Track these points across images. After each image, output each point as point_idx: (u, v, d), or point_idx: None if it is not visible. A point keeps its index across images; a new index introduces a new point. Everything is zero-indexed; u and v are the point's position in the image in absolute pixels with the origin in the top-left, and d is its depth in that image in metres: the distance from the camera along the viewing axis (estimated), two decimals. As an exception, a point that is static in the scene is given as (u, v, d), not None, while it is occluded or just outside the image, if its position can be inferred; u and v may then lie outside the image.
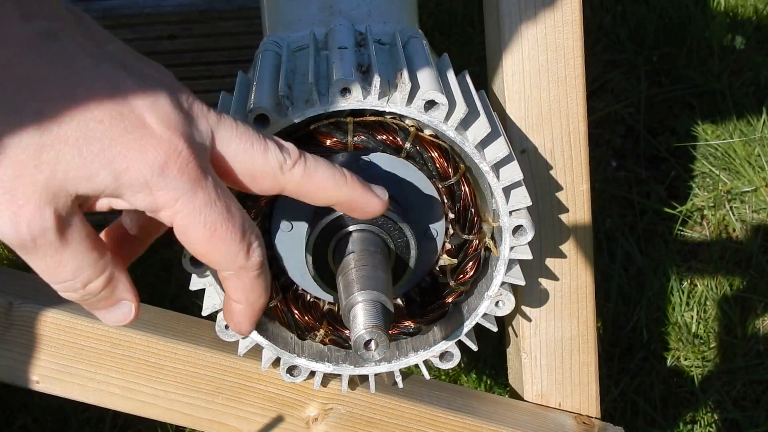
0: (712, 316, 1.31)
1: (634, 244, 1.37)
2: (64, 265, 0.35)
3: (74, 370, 0.58)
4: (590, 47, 1.54)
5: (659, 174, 1.48)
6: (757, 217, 1.43)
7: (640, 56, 1.59)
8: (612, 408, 1.21)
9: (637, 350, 1.28)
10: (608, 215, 1.41)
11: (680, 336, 1.29)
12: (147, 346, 0.58)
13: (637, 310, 1.30)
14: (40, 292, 0.58)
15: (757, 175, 1.46)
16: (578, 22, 0.59)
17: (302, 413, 0.60)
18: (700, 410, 1.23)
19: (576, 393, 0.67)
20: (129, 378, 0.58)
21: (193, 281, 0.51)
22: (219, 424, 0.60)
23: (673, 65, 1.58)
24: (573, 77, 0.60)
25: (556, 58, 0.59)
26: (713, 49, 1.58)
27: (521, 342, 0.66)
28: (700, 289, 1.34)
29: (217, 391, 0.59)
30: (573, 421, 0.67)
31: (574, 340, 0.66)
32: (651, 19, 1.62)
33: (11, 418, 1.17)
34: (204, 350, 0.59)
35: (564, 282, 0.64)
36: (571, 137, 0.61)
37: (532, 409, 0.66)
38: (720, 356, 1.28)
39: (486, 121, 0.48)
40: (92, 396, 0.59)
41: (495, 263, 0.52)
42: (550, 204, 0.62)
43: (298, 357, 0.54)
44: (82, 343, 0.57)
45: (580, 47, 0.60)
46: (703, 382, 1.25)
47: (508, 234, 0.50)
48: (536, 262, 0.63)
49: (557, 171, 0.61)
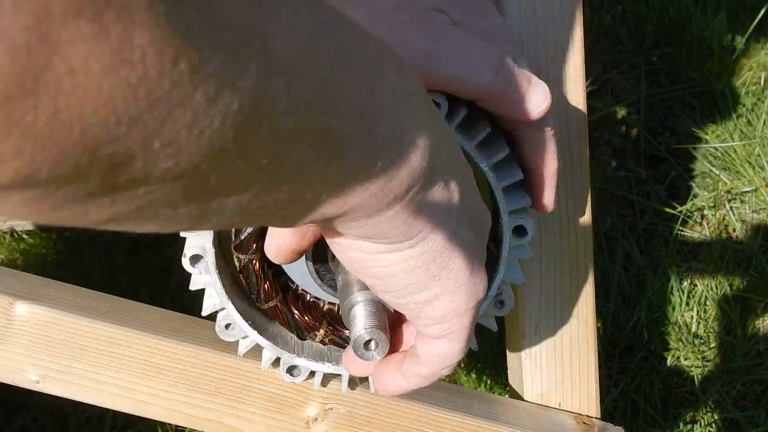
0: (712, 316, 1.31)
1: (634, 244, 1.37)
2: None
3: (74, 369, 0.58)
4: (590, 47, 1.54)
5: (659, 174, 1.48)
6: (757, 217, 1.43)
7: (640, 56, 1.59)
8: (612, 408, 1.21)
9: (637, 350, 1.28)
10: (608, 215, 1.41)
11: (680, 336, 1.29)
12: (147, 346, 0.58)
13: (637, 310, 1.30)
14: (40, 292, 0.58)
15: (757, 175, 1.46)
16: (578, 22, 0.59)
17: (302, 413, 0.60)
18: (700, 410, 1.23)
19: (576, 393, 0.67)
20: (129, 378, 0.58)
21: (193, 281, 0.51)
22: (219, 423, 0.60)
23: (673, 65, 1.58)
24: (573, 77, 0.60)
25: (555, 58, 0.59)
26: (713, 49, 1.58)
27: (521, 342, 0.66)
28: (700, 289, 1.34)
29: (216, 391, 0.59)
30: (573, 421, 0.67)
31: (574, 340, 0.66)
32: (651, 19, 1.62)
33: (11, 418, 1.17)
34: (204, 350, 0.59)
35: (564, 282, 0.64)
36: (571, 137, 0.61)
37: (531, 409, 0.66)
38: (720, 356, 1.28)
39: (486, 122, 0.48)
40: (92, 396, 0.59)
41: (495, 263, 0.52)
42: (550, 204, 0.62)
43: (297, 357, 0.54)
44: (82, 343, 0.57)
45: (580, 47, 0.59)
46: (703, 382, 1.25)
47: (508, 233, 0.50)
48: (536, 263, 0.63)
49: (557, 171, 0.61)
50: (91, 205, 0.23)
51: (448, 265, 0.38)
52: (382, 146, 0.31)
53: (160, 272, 1.29)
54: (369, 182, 0.31)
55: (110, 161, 0.22)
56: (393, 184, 0.32)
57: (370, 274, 0.38)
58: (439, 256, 0.37)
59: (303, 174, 0.28)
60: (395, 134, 0.32)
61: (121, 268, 1.29)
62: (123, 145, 0.22)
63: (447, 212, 0.36)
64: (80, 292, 0.60)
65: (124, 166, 0.22)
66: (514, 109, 0.46)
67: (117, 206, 0.24)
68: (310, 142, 0.28)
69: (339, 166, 0.30)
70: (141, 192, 0.24)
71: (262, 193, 0.28)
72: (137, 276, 1.28)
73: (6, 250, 1.32)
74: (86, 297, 0.60)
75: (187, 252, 0.49)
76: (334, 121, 0.28)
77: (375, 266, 0.37)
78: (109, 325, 0.57)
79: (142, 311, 0.61)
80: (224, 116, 0.23)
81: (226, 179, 0.26)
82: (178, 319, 0.61)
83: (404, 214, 0.34)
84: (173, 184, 0.24)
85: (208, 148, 0.23)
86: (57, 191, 0.22)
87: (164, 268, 1.29)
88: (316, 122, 0.27)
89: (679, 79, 1.57)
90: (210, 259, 0.49)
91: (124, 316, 0.59)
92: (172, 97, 0.22)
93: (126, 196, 0.24)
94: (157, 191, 0.24)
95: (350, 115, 0.29)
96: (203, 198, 0.26)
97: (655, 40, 1.61)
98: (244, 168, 0.26)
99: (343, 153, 0.29)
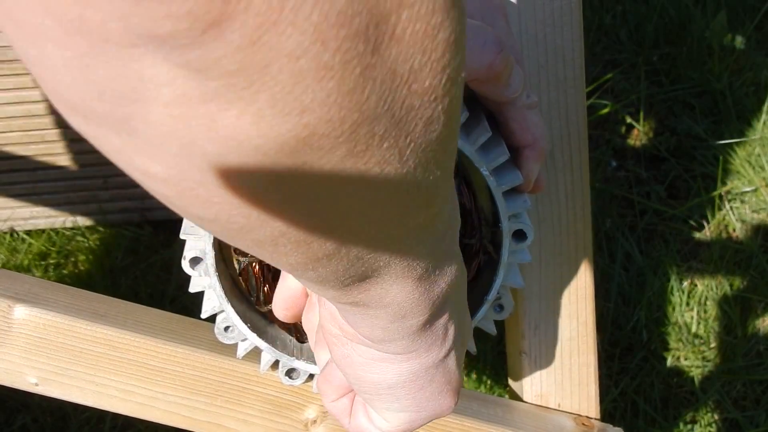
0: (712, 316, 1.31)
1: (634, 244, 1.37)
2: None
3: (73, 372, 0.58)
4: (590, 47, 1.53)
5: (659, 174, 1.48)
6: (757, 217, 1.42)
7: (640, 56, 1.59)
8: (612, 408, 1.21)
9: (637, 350, 1.28)
10: (608, 215, 1.41)
11: (680, 336, 1.29)
12: (146, 348, 0.58)
13: (637, 310, 1.30)
14: (39, 294, 0.58)
15: (757, 175, 1.46)
16: (578, 22, 0.59)
17: (301, 416, 0.60)
18: (700, 410, 1.22)
19: (575, 394, 0.67)
20: (128, 380, 0.58)
21: (192, 283, 0.51)
22: (218, 426, 0.60)
23: (673, 65, 1.58)
24: (573, 78, 0.60)
25: (555, 59, 0.59)
26: (713, 49, 1.58)
27: (521, 342, 0.65)
28: (700, 289, 1.34)
29: (215, 394, 0.59)
30: (572, 422, 0.67)
31: (574, 340, 0.66)
32: (651, 19, 1.62)
33: (11, 419, 1.17)
34: (203, 353, 0.58)
35: (564, 282, 0.64)
36: (571, 138, 0.61)
37: (531, 411, 0.66)
38: (720, 356, 1.27)
39: (486, 125, 0.48)
40: (91, 398, 0.59)
41: (494, 267, 0.52)
42: (550, 205, 0.62)
43: (297, 360, 0.54)
44: (81, 346, 0.57)
45: (579, 47, 0.59)
46: (703, 382, 1.25)
47: (507, 238, 0.50)
48: (536, 263, 0.63)
49: (557, 171, 0.61)
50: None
51: (424, 387, 0.39)
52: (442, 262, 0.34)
53: (160, 272, 1.29)
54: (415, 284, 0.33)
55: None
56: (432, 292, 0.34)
57: (354, 375, 0.39)
58: (423, 376, 0.38)
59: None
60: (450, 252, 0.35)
61: (121, 268, 1.29)
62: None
63: (443, 338, 0.37)
64: (79, 295, 0.60)
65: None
66: (507, 89, 0.46)
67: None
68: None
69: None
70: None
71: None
72: (137, 276, 1.28)
73: (6, 250, 1.32)
74: (85, 299, 0.60)
75: (187, 254, 0.49)
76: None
77: (363, 370, 0.38)
78: (107, 327, 0.57)
79: (140, 313, 0.61)
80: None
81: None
82: (177, 321, 0.61)
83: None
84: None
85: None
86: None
87: (164, 268, 1.29)
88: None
89: (679, 79, 1.57)
90: (210, 262, 0.49)
91: (122, 319, 0.59)
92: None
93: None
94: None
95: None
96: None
97: (655, 40, 1.61)
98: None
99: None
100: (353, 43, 0.19)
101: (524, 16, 0.58)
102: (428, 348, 0.37)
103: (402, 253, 0.30)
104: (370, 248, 0.28)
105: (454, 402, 0.41)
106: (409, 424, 0.41)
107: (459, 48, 0.22)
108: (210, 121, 0.20)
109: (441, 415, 0.41)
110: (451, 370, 0.40)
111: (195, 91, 0.19)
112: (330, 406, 0.45)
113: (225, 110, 0.20)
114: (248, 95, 0.19)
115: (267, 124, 0.20)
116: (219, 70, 0.18)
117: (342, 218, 0.25)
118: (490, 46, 0.44)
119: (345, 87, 0.20)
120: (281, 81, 0.19)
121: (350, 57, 0.19)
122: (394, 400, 0.39)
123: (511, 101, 0.47)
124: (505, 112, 0.49)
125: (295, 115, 0.20)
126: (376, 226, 0.27)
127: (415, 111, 0.22)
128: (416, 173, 0.24)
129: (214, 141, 0.20)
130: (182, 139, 0.20)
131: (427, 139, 0.23)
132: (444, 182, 0.27)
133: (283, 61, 0.19)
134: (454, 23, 0.21)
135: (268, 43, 0.18)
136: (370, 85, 0.20)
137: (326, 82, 0.19)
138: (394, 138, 0.22)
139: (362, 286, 0.31)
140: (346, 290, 0.31)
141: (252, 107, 0.19)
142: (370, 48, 0.19)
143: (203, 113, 0.20)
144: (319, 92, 0.20)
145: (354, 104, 0.20)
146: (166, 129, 0.20)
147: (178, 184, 0.22)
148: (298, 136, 0.20)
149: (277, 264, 0.28)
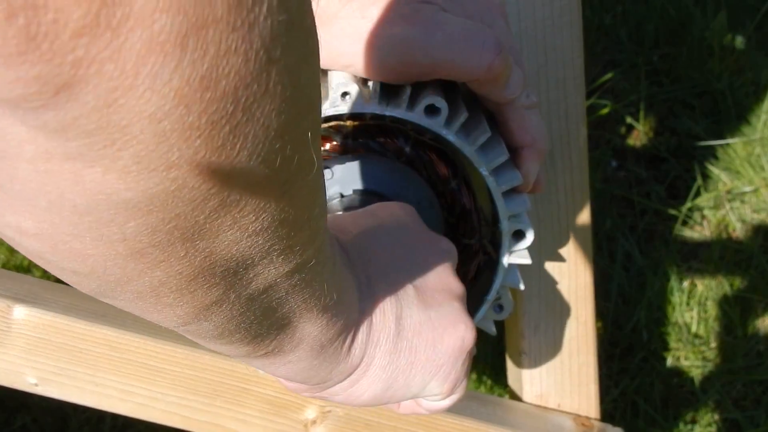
0: (712, 316, 1.31)
1: (634, 244, 1.37)
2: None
3: (72, 372, 0.58)
4: (590, 47, 1.53)
5: (659, 174, 1.48)
6: (757, 217, 1.42)
7: (640, 56, 1.59)
8: (612, 408, 1.21)
9: (637, 350, 1.28)
10: (608, 215, 1.41)
11: (680, 336, 1.29)
12: (145, 348, 0.58)
13: (637, 310, 1.30)
14: (39, 294, 0.58)
15: (757, 175, 1.46)
16: (578, 22, 0.59)
17: (300, 416, 0.60)
18: (700, 410, 1.22)
19: (575, 394, 0.67)
20: (127, 380, 0.58)
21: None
22: (217, 426, 0.60)
23: (673, 65, 1.58)
24: (573, 78, 0.60)
25: (555, 59, 0.59)
26: (713, 49, 1.58)
27: (521, 342, 0.65)
28: (700, 289, 1.34)
29: (215, 394, 0.59)
30: (572, 423, 0.67)
31: (574, 340, 0.66)
32: (651, 19, 1.61)
33: (11, 419, 1.17)
34: (202, 353, 0.58)
35: (564, 282, 0.64)
36: (571, 138, 0.61)
37: (530, 411, 0.66)
38: (720, 356, 1.27)
39: (486, 126, 0.48)
40: (90, 399, 0.59)
41: (494, 267, 0.52)
42: (550, 205, 0.62)
43: (296, 360, 0.54)
44: (80, 346, 0.57)
45: (579, 47, 0.59)
46: (703, 382, 1.25)
47: (507, 238, 0.50)
48: (536, 263, 0.62)
49: (557, 172, 0.61)
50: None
51: (417, 357, 0.38)
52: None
53: (159, 272, 1.29)
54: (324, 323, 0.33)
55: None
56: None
57: (357, 402, 0.39)
58: (404, 354, 0.38)
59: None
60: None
61: (121, 269, 1.28)
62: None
63: (386, 317, 0.38)
64: (78, 295, 0.60)
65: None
66: (506, 90, 0.46)
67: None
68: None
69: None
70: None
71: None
72: (137, 276, 1.27)
73: (6, 250, 1.32)
74: (84, 300, 0.60)
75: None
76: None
77: (354, 399, 0.39)
78: (107, 327, 0.57)
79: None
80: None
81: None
82: (177, 321, 0.61)
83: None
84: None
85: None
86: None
87: (164, 268, 1.29)
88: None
89: (679, 79, 1.57)
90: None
91: (121, 319, 0.59)
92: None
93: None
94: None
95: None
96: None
97: (655, 40, 1.61)
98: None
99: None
100: (221, 104, 0.19)
101: (524, 16, 0.58)
102: (377, 338, 0.37)
103: (291, 277, 0.29)
104: (259, 285, 0.27)
105: (465, 325, 0.39)
106: (447, 384, 0.40)
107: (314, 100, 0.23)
108: (76, 176, 0.20)
109: (467, 346, 0.40)
110: (420, 319, 0.39)
111: (57, 149, 0.19)
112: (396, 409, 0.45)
113: (90, 167, 0.19)
114: (111, 153, 0.19)
115: (134, 179, 0.20)
116: (77, 129, 0.18)
117: (223, 262, 0.25)
118: (490, 47, 0.44)
119: (214, 144, 0.20)
120: (144, 140, 0.19)
121: (218, 117, 0.19)
122: (404, 389, 0.39)
123: (510, 102, 0.47)
124: (505, 112, 0.49)
125: (161, 171, 0.20)
126: (259, 264, 0.26)
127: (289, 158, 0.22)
128: (293, 212, 0.25)
129: (82, 195, 0.20)
130: (50, 194, 0.20)
131: (304, 181, 0.24)
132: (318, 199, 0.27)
133: (144, 123, 0.18)
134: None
135: (126, 105, 0.18)
136: (241, 142, 0.20)
137: (193, 141, 0.19)
138: (269, 185, 0.22)
139: (270, 330, 0.30)
140: (256, 342, 0.31)
141: (116, 164, 0.19)
142: (240, 108, 0.19)
143: (68, 169, 0.19)
144: (186, 150, 0.19)
145: (224, 159, 0.20)
146: (34, 185, 0.20)
147: (51, 238, 0.22)
148: (167, 190, 0.20)
149: (166, 321, 0.27)
